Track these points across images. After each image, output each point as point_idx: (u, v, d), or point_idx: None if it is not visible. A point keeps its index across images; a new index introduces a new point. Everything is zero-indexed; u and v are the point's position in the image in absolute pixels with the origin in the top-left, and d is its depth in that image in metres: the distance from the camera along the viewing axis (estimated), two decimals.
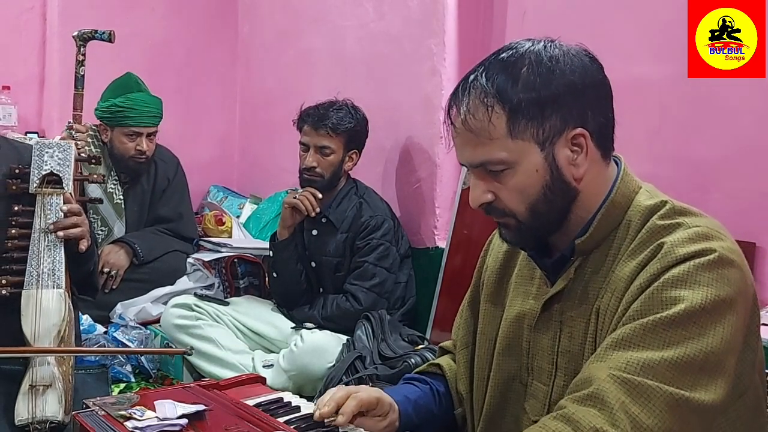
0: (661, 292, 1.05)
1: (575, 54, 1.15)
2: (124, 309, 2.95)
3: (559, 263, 1.21)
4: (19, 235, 1.96)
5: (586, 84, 1.14)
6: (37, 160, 2.03)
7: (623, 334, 1.05)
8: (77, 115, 2.92)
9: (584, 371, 1.08)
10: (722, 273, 1.06)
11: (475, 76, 1.15)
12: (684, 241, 1.08)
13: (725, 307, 1.04)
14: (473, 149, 1.16)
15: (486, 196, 1.18)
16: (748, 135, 2.08)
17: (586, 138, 1.14)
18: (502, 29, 2.77)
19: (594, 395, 1.02)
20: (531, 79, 1.11)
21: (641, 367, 1.02)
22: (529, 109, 1.11)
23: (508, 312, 1.30)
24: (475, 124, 1.13)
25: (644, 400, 1.00)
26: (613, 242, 1.16)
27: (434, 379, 1.42)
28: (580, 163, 1.14)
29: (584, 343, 1.16)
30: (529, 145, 1.12)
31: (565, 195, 1.16)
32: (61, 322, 1.84)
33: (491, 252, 1.40)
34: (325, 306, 2.70)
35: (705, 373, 1.02)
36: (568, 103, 1.12)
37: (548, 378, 1.21)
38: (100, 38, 2.93)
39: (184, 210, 3.39)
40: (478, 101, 1.13)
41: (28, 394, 1.71)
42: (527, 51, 1.14)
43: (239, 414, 1.25)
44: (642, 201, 1.17)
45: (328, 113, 2.69)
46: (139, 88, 3.14)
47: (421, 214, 2.93)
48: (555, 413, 1.05)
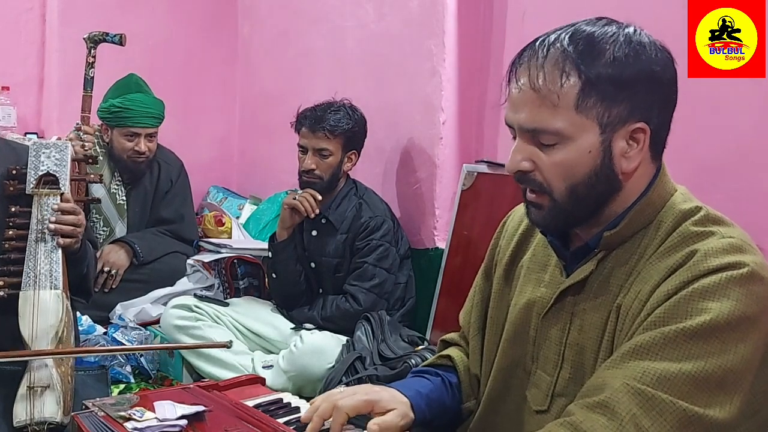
0: (688, 301, 1.03)
1: (661, 48, 1.12)
2: (124, 310, 2.95)
3: (580, 254, 1.18)
4: (17, 236, 1.96)
5: (664, 80, 1.11)
6: (33, 160, 2.03)
7: (643, 341, 1.03)
8: (85, 116, 2.93)
9: (597, 376, 1.06)
10: (752, 289, 1.03)
11: (557, 36, 1.10)
12: (717, 251, 1.05)
13: (749, 325, 1.02)
14: (532, 111, 1.09)
15: (525, 164, 1.12)
16: (748, 135, 2.08)
17: (646, 134, 1.11)
18: (502, 29, 2.77)
19: (605, 403, 1.01)
20: (617, 56, 1.07)
21: (657, 378, 1.00)
22: (605, 87, 1.06)
23: (518, 298, 1.28)
24: (544, 85, 1.07)
25: (656, 414, 0.98)
26: (641, 241, 1.13)
27: (445, 371, 1.39)
28: (632, 158, 1.11)
29: (599, 339, 1.13)
30: (591, 123, 1.08)
31: (608, 185, 1.12)
32: (58, 323, 1.84)
33: (505, 234, 1.38)
34: (325, 307, 2.69)
35: (722, 390, 1.00)
36: (642, 94, 1.08)
37: (553, 369, 1.19)
38: (111, 41, 2.93)
39: (186, 212, 3.40)
40: (555, 63, 1.07)
41: (27, 396, 1.71)
42: (617, 30, 1.10)
43: (239, 415, 1.24)
44: (677, 204, 1.14)
45: (325, 115, 2.69)
46: (140, 89, 3.14)
47: (420, 214, 2.93)
48: (562, 420, 1.03)
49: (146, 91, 3.18)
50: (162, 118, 3.19)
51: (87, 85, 2.92)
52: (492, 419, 1.30)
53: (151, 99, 3.16)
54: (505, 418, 1.28)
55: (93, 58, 2.93)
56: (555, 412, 1.17)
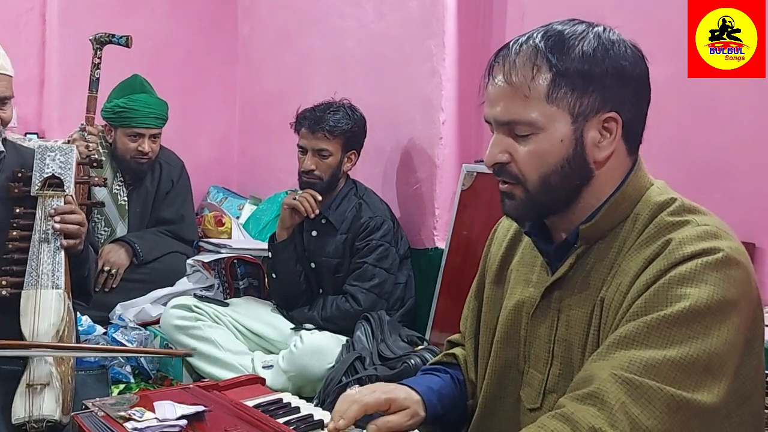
0: (667, 289, 1.05)
1: (631, 46, 1.16)
2: (124, 310, 2.95)
3: (562, 250, 1.20)
4: (20, 237, 1.99)
5: (633, 75, 1.14)
6: (39, 163, 2.07)
7: (626, 332, 1.05)
8: (90, 117, 2.93)
9: (585, 369, 1.08)
10: (728, 273, 1.05)
11: (530, 35, 1.16)
12: (692, 239, 1.07)
13: (730, 308, 1.04)
14: (506, 104, 1.14)
15: (502, 156, 1.16)
16: (748, 135, 2.08)
17: (618, 124, 1.14)
18: (502, 30, 2.77)
19: (594, 394, 1.02)
20: (586, 52, 1.12)
21: (643, 366, 1.01)
22: (574, 79, 1.11)
23: (508, 300, 1.30)
24: (517, 78, 1.13)
25: (645, 401, 0.99)
26: (619, 234, 1.16)
27: (453, 369, 1.42)
28: (604, 147, 1.14)
29: (585, 334, 1.15)
30: (562, 113, 1.12)
31: (580, 175, 1.15)
32: (60, 323, 1.84)
33: (495, 240, 1.41)
34: (325, 307, 2.69)
35: (708, 374, 1.01)
36: (612, 87, 1.12)
37: (544, 366, 1.21)
38: (117, 43, 2.94)
39: (186, 213, 3.40)
40: (527, 59, 1.13)
41: (26, 393, 1.71)
42: (587, 28, 1.15)
43: (239, 415, 1.25)
44: (652, 196, 1.16)
45: (324, 115, 2.69)
46: (144, 89, 3.15)
47: (420, 214, 2.93)
48: (554, 412, 1.04)
49: (150, 91, 3.18)
50: (165, 118, 3.20)
51: (92, 86, 2.92)
52: (489, 421, 1.31)
53: (155, 100, 3.17)
54: (501, 418, 1.29)
55: (99, 59, 2.93)
56: (547, 408, 1.18)
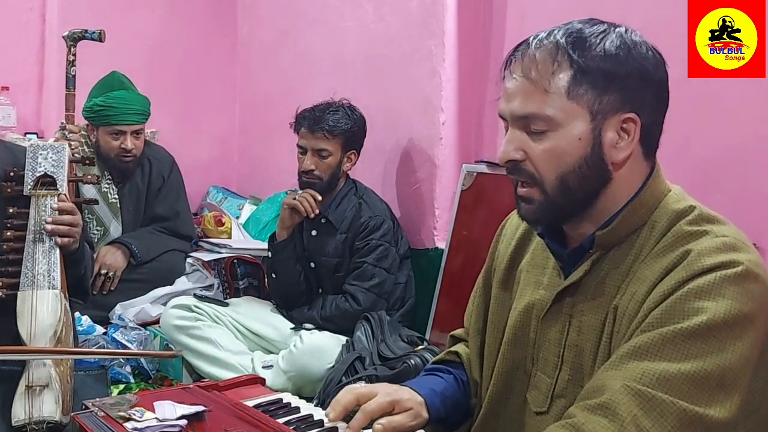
0: (684, 301, 1.03)
1: (652, 48, 1.15)
2: (124, 310, 2.95)
3: (577, 254, 1.19)
4: (15, 237, 1.97)
5: (655, 79, 1.13)
6: (31, 162, 2.04)
7: (641, 343, 1.03)
8: (69, 115, 2.91)
9: (597, 378, 1.06)
10: (747, 288, 1.03)
11: (551, 32, 1.13)
12: (711, 251, 1.06)
13: (747, 323, 1.03)
14: (524, 98, 1.12)
15: (516, 153, 1.13)
16: (748, 135, 2.08)
17: (636, 125, 1.12)
18: (502, 30, 2.77)
19: (606, 405, 1.01)
20: (609, 51, 1.10)
21: (657, 379, 1.00)
22: (596, 77, 1.09)
23: (518, 302, 1.28)
24: (536, 73, 1.10)
25: (657, 415, 0.98)
26: (636, 241, 1.14)
27: (456, 368, 1.41)
28: (622, 149, 1.12)
29: (597, 340, 1.14)
30: (581, 110, 1.10)
31: (598, 176, 1.13)
32: (57, 323, 1.83)
33: (503, 238, 1.39)
34: (325, 307, 2.69)
35: (721, 389, 1.00)
36: (632, 88, 1.11)
37: (553, 370, 1.20)
38: (90, 38, 2.91)
39: (181, 208, 3.37)
40: (547, 54, 1.11)
41: (25, 395, 1.71)
42: (608, 28, 1.13)
43: (238, 415, 1.24)
44: (670, 204, 1.15)
45: (324, 115, 2.68)
46: (122, 86, 3.09)
47: (420, 214, 2.93)
48: (564, 422, 1.04)
49: (129, 87, 3.11)
50: (147, 114, 3.13)
51: (69, 83, 2.90)
52: (493, 422, 1.30)
53: (134, 95, 3.10)
54: (506, 420, 1.28)
55: (74, 56, 2.91)
56: (554, 413, 1.18)
